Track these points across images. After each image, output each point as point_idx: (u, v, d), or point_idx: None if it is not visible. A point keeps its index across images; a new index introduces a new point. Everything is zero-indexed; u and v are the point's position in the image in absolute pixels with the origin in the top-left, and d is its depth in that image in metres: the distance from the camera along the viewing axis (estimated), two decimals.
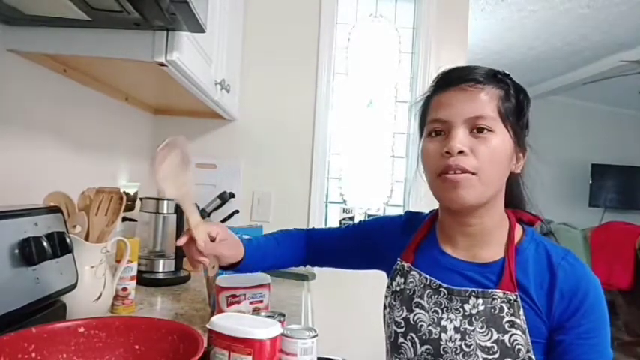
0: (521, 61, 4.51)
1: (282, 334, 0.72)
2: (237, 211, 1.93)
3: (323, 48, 2.04)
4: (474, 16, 3.36)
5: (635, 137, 5.78)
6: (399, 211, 2.12)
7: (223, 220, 1.87)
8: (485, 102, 0.74)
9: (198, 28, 0.94)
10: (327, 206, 2.14)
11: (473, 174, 0.73)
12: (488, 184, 0.74)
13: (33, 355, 0.63)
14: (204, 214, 1.78)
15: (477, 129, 0.74)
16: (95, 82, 1.34)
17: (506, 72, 0.80)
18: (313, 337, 0.73)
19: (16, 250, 0.76)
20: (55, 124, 1.21)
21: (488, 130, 0.74)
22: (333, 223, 2.12)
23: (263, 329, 0.69)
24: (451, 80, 0.78)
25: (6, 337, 0.61)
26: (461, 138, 0.73)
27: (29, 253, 0.78)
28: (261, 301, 1.03)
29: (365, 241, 0.98)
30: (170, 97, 1.68)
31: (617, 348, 3.83)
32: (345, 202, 2.16)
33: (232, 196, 1.90)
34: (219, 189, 1.90)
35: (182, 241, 0.83)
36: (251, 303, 1.02)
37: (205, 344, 0.66)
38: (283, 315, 0.86)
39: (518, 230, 0.81)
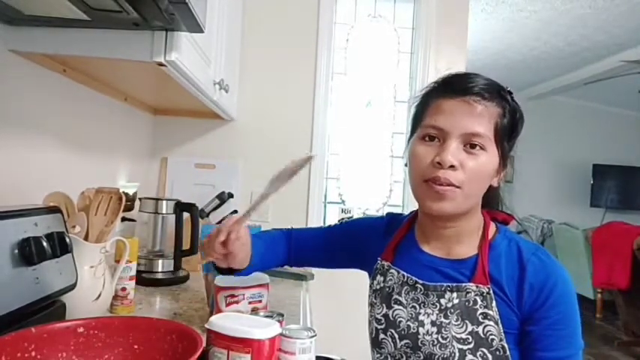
0: (521, 61, 4.52)
1: (281, 334, 0.72)
2: (235, 211, 1.93)
3: (322, 48, 2.04)
4: (474, 17, 3.37)
5: (636, 137, 5.79)
6: (398, 211, 2.13)
7: (222, 221, 1.87)
8: (485, 120, 0.75)
9: (197, 28, 0.94)
10: (325, 206, 2.14)
11: (458, 187, 0.76)
12: (469, 197, 0.77)
13: (33, 354, 0.63)
14: (203, 214, 1.79)
15: (470, 144, 0.76)
16: (94, 82, 1.35)
17: (509, 89, 0.81)
18: (312, 337, 0.74)
19: (16, 250, 0.77)
20: (54, 124, 1.21)
21: (481, 148, 0.75)
22: (332, 223, 2.12)
23: (262, 329, 0.69)
24: (456, 88, 0.77)
25: (6, 337, 0.62)
26: (454, 151, 0.75)
27: (29, 253, 0.78)
28: (260, 301, 1.03)
29: (348, 241, 0.99)
30: (169, 97, 1.68)
31: (617, 348, 3.84)
32: (343, 202, 2.16)
33: (231, 195, 1.90)
34: (217, 189, 1.90)
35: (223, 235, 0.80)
36: (250, 303, 1.02)
37: (204, 344, 0.66)
38: (282, 315, 0.86)
39: (492, 228, 0.84)
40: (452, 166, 0.74)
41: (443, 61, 2.08)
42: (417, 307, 0.81)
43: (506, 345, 0.74)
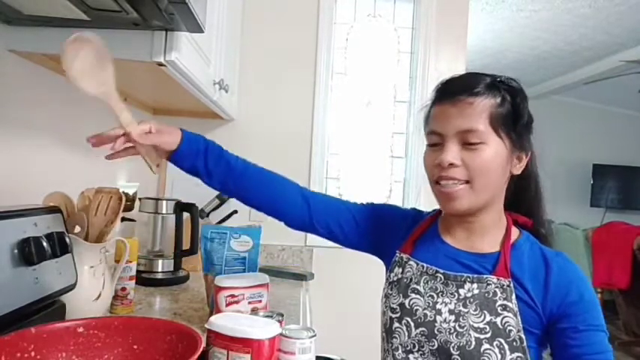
0: (521, 61, 4.51)
1: (281, 334, 0.72)
2: (235, 211, 1.93)
3: (321, 48, 2.04)
4: (474, 17, 3.36)
5: (636, 137, 5.78)
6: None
7: (222, 221, 1.87)
8: (476, 115, 0.78)
9: (196, 28, 0.94)
10: None
11: (466, 182, 0.79)
12: (481, 191, 0.79)
13: (32, 354, 0.63)
14: (203, 214, 1.79)
15: (468, 142, 0.78)
16: None
17: (504, 78, 0.82)
18: (312, 337, 0.74)
19: (16, 250, 0.77)
20: (54, 124, 1.21)
21: (479, 143, 0.78)
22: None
23: (261, 329, 0.69)
24: (446, 93, 0.82)
25: (6, 337, 0.62)
26: (452, 151, 0.78)
27: (29, 253, 0.78)
28: (260, 301, 1.04)
29: (379, 224, 0.96)
30: (169, 97, 1.68)
31: (617, 348, 3.84)
32: None
33: None
34: None
35: (116, 134, 0.83)
36: (250, 303, 1.02)
37: (204, 344, 0.66)
38: (282, 315, 0.87)
39: (515, 231, 0.86)
40: (452, 164, 0.78)
41: (443, 61, 2.08)
42: (435, 296, 0.82)
43: (523, 336, 0.75)
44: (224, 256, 1.14)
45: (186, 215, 1.57)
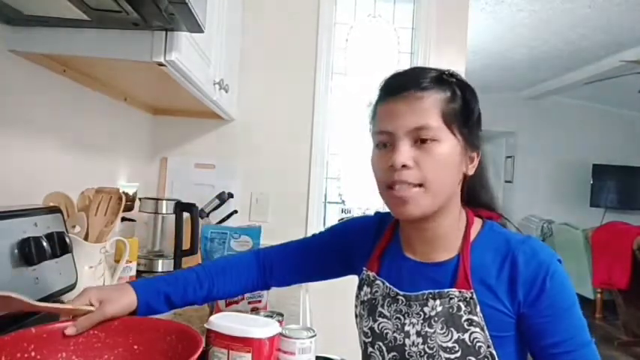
0: (521, 61, 4.51)
1: (281, 334, 0.72)
2: (235, 211, 1.93)
3: (321, 48, 2.04)
4: (474, 17, 3.36)
5: (636, 137, 5.79)
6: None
7: (222, 221, 1.87)
8: (428, 110, 0.72)
9: (196, 28, 0.94)
10: (325, 206, 2.14)
11: (420, 185, 0.72)
12: (436, 193, 0.73)
13: (32, 354, 0.63)
14: (203, 214, 1.79)
15: (420, 140, 0.72)
16: (94, 83, 1.35)
17: (452, 71, 0.77)
18: (312, 337, 0.74)
19: (16, 250, 0.77)
20: (54, 124, 1.21)
21: (433, 140, 0.72)
22: (332, 223, 2.12)
23: (261, 328, 0.69)
24: (394, 88, 0.76)
25: (6, 337, 0.62)
26: (404, 151, 0.72)
27: (29, 253, 0.78)
28: (260, 301, 1.04)
29: (340, 246, 0.94)
30: (169, 97, 1.68)
31: (617, 348, 3.84)
32: (343, 202, 2.16)
33: (231, 196, 1.91)
34: (217, 189, 1.91)
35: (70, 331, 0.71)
36: (249, 303, 1.02)
37: (204, 344, 0.66)
38: (282, 315, 0.87)
39: (476, 225, 0.80)
40: (405, 166, 0.72)
41: (443, 61, 2.08)
42: (402, 317, 0.78)
43: (494, 352, 0.72)
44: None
45: (186, 215, 1.57)
